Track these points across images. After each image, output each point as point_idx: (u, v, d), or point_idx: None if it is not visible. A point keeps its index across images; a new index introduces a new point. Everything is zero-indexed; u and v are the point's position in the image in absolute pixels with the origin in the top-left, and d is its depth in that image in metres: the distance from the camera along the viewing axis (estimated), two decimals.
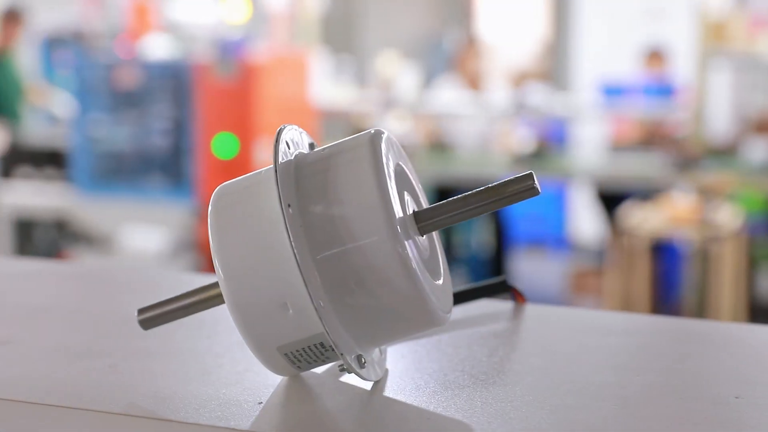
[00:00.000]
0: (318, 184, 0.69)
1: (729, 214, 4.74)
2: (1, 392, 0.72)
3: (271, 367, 0.72)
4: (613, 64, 7.26)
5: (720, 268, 4.53)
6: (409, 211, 0.73)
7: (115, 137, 5.50)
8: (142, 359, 0.79)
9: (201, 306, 0.76)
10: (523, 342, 0.83)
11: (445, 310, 0.72)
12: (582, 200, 6.40)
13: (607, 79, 6.78)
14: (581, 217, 6.54)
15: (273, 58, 5.43)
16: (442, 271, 0.76)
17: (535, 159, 5.42)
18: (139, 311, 0.77)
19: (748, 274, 4.89)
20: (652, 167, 5.32)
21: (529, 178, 0.71)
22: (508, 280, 0.89)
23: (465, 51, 5.91)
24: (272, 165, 0.69)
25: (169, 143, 5.52)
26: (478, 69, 5.84)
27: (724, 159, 5.37)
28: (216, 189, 0.73)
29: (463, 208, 0.72)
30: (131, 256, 5.09)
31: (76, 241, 5.22)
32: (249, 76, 5.14)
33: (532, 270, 5.95)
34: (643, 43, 6.81)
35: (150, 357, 0.79)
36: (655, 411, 0.66)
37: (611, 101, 6.11)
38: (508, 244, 5.70)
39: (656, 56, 6.56)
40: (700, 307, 4.70)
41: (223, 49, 5.31)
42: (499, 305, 0.91)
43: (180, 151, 5.46)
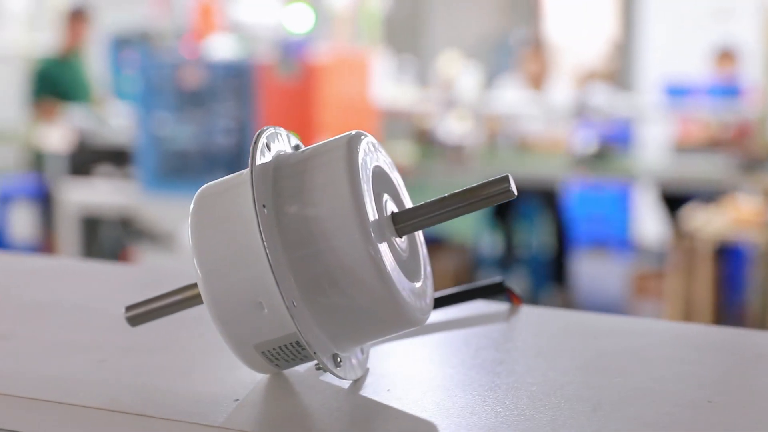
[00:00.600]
0: (294, 186, 0.71)
1: None
2: None
3: (251, 365, 0.74)
4: (679, 65, 7.16)
5: None
6: (388, 213, 0.73)
7: (180, 136, 5.59)
8: (130, 355, 0.81)
9: (186, 304, 0.78)
10: (509, 344, 0.84)
11: (423, 311, 0.73)
12: (646, 202, 6.32)
13: (672, 79, 6.70)
14: (645, 219, 6.47)
15: (335, 58, 5.46)
16: (423, 273, 0.76)
17: (597, 160, 5.37)
18: (127, 308, 0.79)
19: None
20: (716, 169, 5.24)
21: (504, 181, 0.71)
22: (505, 282, 0.89)
23: (527, 51, 5.88)
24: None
25: (232, 142, 5.59)
26: (539, 69, 5.80)
27: None
28: (199, 190, 0.74)
29: (440, 210, 0.73)
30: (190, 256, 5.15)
31: (140, 238, 5.31)
32: (311, 76, 5.19)
33: (594, 272, 5.90)
34: (712, 43, 6.71)
35: (138, 353, 0.81)
36: (622, 414, 0.67)
37: (676, 102, 6.03)
38: (569, 246, 5.66)
39: (727, 56, 6.46)
40: (764, 312, 4.62)
41: (286, 50, 5.35)
42: (497, 306, 0.91)
43: (242, 150, 5.52)
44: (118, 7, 7.03)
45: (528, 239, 5.75)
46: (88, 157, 5.74)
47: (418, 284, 0.74)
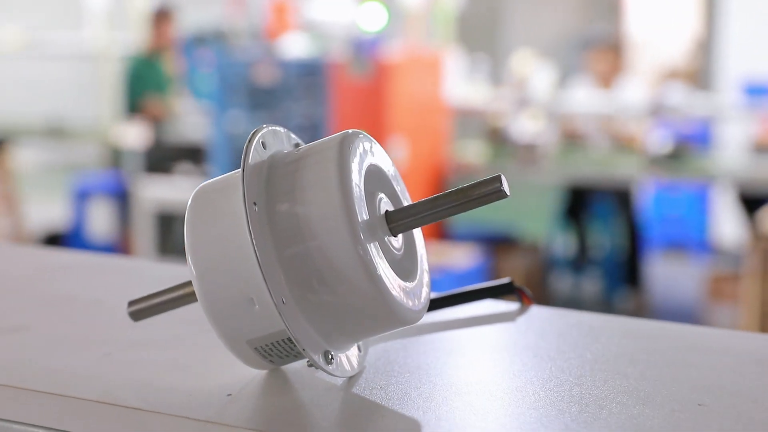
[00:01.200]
0: (286, 184, 0.71)
1: None
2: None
3: (247, 361, 0.75)
4: (760, 63, 7.01)
5: None
6: (382, 212, 0.74)
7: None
8: (135, 349, 0.82)
9: (186, 300, 0.79)
10: (510, 343, 0.83)
11: (415, 310, 0.73)
12: (724, 203, 6.20)
13: (752, 78, 6.56)
14: (723, 220, 6.34)
15: (407, 57, 5.46)
16: (419, 272, 0.76)
17: (672, 160, 5.29)
18: (129, 304, 0.80)
19: None
20: None
21: (496, 180, 0.71)
22: (515, 282, 0.89)
23: (596, 50, 5.81)
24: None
25: (305, 140, 5.62)
26: (609, 68, 5.73)
27: None
28: (196, 188, 0.75)
29: (433, 210, 0.73)
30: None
31: None
32: (383, 75, 5.19)
33: (669, 274, 5.80)
34: None
35: (143, 347, 0.82)
36: (608, 414, 0.66)
37: (756, 101, 5.90)
38: (643, 247, 5.58)
39: None
40: None
41: (358, 48, 5.37)
42: (508, 306, 0.91)
43: None
44: (194, 6, 7.13)
45: (601, 240, 5.68)
46: (164, 154, 5.83)
47: (412, 283, 0.74)
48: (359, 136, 0.74)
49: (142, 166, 5.75)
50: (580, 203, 5.67)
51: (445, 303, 0.89)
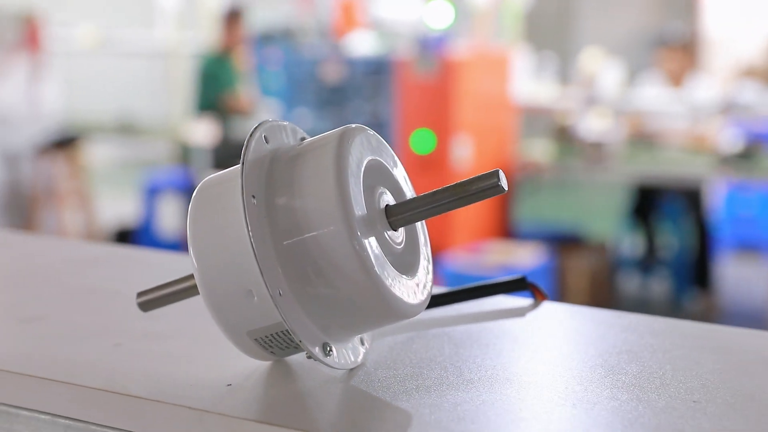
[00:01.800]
0: (286, 177, 0.72)
1: None
2: (7, 364, 0.78)
3: (248, 353, 0.75)
4: None
5: None
6: (382, 206, 0.74)
7: (319, 131, 5.66)
8: (144, 340, 0.83)
9: (192, 291, 0.80)
10: (516, 340, 0.82)
11: (414, 304, 0.73)
12: None
13: None
14: None
15: (474, 55, 5.44)
16: (421, 266, 0.76)
17: (744, 159, 5.19)
18: (138, 294, 0.81)
19: None
20: None
21: (494, 176, 0.70)
22: (528, 278, 0.88)
23: (666, 48, 5.72)
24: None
25: None
26: (678, 66, 5.64)
27: None
28: (201, 182, 0.76)
29: (432, 204, 0.73)
30: None
31: None
32: (449, 73, 5.18)
33: (740, 275, 5.70)
34: None
35: (152, 338, 0.84)
36: (601, 410, 0.65)
37: None
38: (713, 248, 5.48)
39: None
40: None
41: (424, 46, 5.37)
42: (521, 302, 0.90)
43: None
44: (263, 4, 7.20)
45: (670, 240, 5.60)
46: (232, 151, 5.89)
47: (413, 277, 0.74)
48: (360, 130, 0.74)
49: (210, 163, 5.82)
50: (648, 203, 5.59)
51: (457, 298, 0.88)
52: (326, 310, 0.72)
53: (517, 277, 0.88)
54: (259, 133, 0.74)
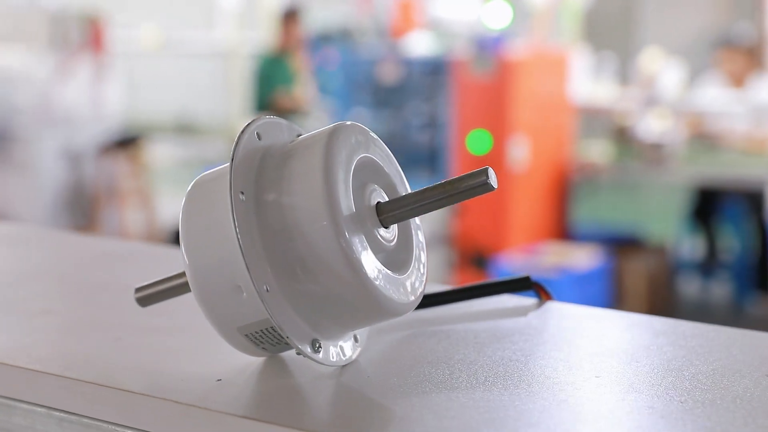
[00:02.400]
0: (276, 174, 0.72)
1: None
2: (8, 358, 0.79)
3: (240, 348, 0.75)
4: None
5: None
6: (373, 204, 0.73)
7: (375, 131, 5.65)
8: (144, 335, 0.84)
9: (187, 287, 0.80)
10: (512, 339, 0.81)
11: (403, 302, 0.72)
12: None
13: None
14: None
15: (532, 55, 5.40)
16: (413, 264, 0.75)
17: None
18: (136, 290, 0.82)
19: None
20: None
21: (483, 173, 0.70)
22: (532, 277, 0.87)
23: (725, 49, 5.62)
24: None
25: (426, 138, 5.64)
26: (738, 67, 5.54)
27: None
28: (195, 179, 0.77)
29: (422, 202, 0.73)
30: None
31: None
32: (506, 73, 5.15)
33: None
34: None
35: (152, 333, 0.84)
36: (589, 407, 0.64)
37: None
38: None
39: None
40: None
41: (481, 46, 5.34)
42: (525, 301, 0.89)
43: (436, 146, 5.56)
44: (320, 4, 7.23)
45: (731, 243, 5.50)
46: None
47: (404, 274, 0.74)
48: (352, 127, 0.74)
49: None
50: (709, 205, 5.50)
51: (460, 296, 0.88)
52: (315, 307, 0.71)
53: (522, 276, 0.87)
54: (251, 129, 0.74)
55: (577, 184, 5.51)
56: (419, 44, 5.85)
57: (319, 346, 0.73)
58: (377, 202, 0.74)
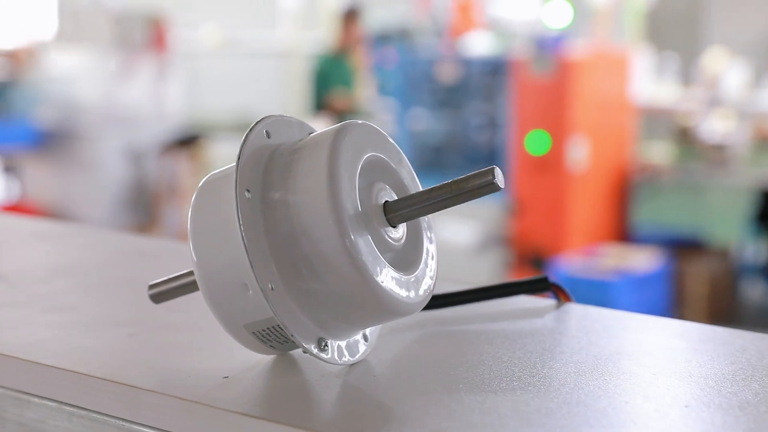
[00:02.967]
0: (282, 172, 0.71)
1: None
2: (24, 353, 0.79)
3: (248, 346, 0.75)
4: None
5: None
6: (380, 203, 0.72)
7: (434, 131, 5.66)
8: (158, 331, 0.84)
9: (197, 285, 0.80)
10: (527, 342, 0.80)
11: (410, 302, 0.71)
12: None
13: None
14: None
15: (592, 55, 5.35)
16: (422, 263, 0.74)
17: None
18: (150, 286, 0.82)
19: None
20: None
21: (489, 173, 0.69)
22: (550, 277, 0.85)
23: None
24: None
25: (485, 138, 5.61)
26: None
27: None
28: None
29: (429, 201, 0.72)
30: (440, 248, 5.22)
31: None
32: (566, 73, 5.10)
33: None
34: None
35: (166, 329, 0.84)
36: (585, 407, 0.62)
37: None
38: None
39: None
40: None
41: (541, 46, 5.30)
42: (544, 302, 0.88)
43: (495, 146, 5.53)
44: (379, 4, 7.23)
45: None
46: None
47: (412, 274, 0.73)
48: (361, 126, 0.73)
49: None
50: None
51: (477, 297, 0.86)
52: (320, 306, 0.71)
53: (540, 277, 0.85)
54: (260, 127, 0.74)
55: (638, 186, 5.44)
56: (478, 44, 5.82)
57: (326, 345, 0.72)
58: (385, 201, 0.73)
